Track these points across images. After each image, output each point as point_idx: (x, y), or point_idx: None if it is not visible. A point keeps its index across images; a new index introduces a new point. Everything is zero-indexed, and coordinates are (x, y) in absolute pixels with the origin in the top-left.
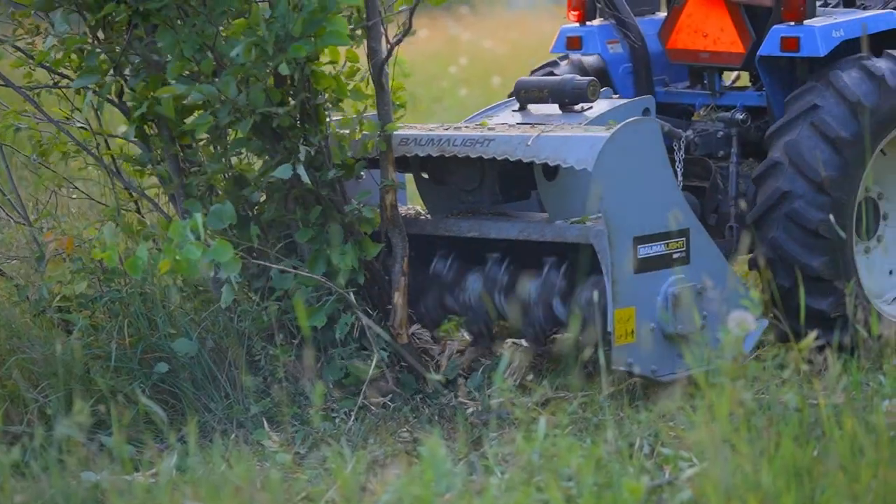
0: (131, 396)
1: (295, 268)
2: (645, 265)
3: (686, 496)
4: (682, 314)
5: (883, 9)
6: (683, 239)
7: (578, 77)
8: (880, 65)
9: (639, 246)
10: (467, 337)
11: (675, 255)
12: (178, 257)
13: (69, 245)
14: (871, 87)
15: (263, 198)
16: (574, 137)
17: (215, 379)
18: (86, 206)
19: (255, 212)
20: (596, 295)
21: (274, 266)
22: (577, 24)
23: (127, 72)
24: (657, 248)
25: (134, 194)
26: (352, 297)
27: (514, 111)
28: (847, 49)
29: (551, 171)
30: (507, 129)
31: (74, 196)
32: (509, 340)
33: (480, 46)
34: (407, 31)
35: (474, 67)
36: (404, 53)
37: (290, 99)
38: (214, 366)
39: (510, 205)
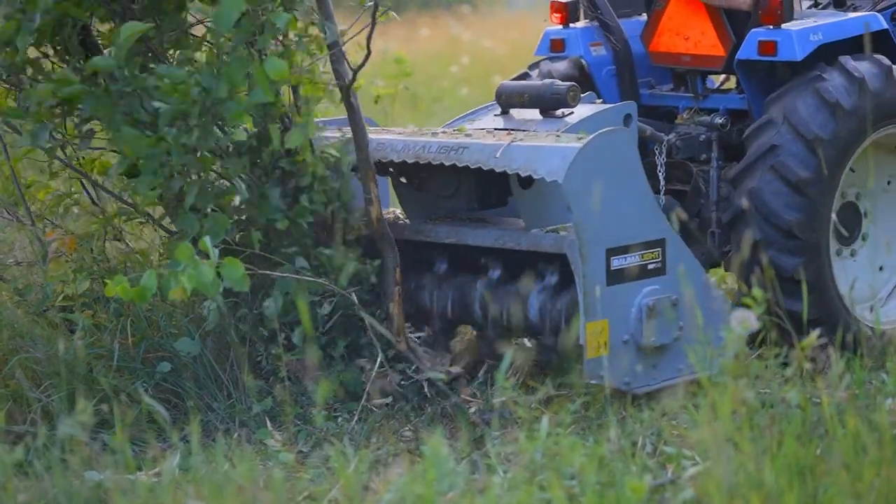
0: (134, 396)
1: (296, 272)
2: (618, 277)
3: (689, 495)
4: (658, 326)
5: (871, 10)
6: (659, 249)
7: (559, 82)
8: (835, 84)
9: (612, 257)
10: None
11: (650, 266)
12: (191, 285)
13: (71, 244)
14: (826, 115)
15: (239, 235)
16: (545, 148)
17: (218, 378)
18: (87, 203)
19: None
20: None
21: (276, 274)
22: (561, 27)
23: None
24: (631, 259)
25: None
26: (354, 297)
27: (496, 115)
28: (828, 50)
29: (526, 180)
30: (483, 136)
31: (76, 193)
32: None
33: (481, 46)
34: (367, 56)
35: (475, 67)
36: (406, 52)
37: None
38: (217, 365)
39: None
